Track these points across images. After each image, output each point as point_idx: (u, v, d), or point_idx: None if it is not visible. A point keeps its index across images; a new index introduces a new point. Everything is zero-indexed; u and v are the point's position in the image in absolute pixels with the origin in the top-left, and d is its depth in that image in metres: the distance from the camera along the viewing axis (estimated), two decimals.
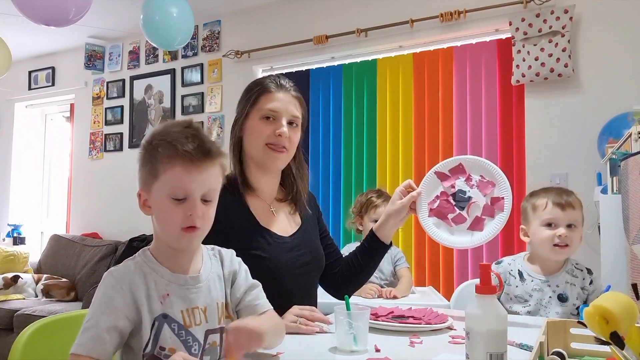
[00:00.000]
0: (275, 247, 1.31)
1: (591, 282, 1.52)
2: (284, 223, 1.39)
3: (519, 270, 1.56)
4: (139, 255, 0.95)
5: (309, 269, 1.39)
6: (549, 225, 1.51)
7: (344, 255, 1.53)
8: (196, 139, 0.90)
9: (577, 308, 1.48)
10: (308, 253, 1.38)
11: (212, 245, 1.04)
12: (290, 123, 1.34)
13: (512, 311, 1.52)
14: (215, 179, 0.93)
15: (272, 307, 1.05)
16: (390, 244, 1.46)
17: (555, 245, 1.49)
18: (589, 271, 1.54)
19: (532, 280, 1.53)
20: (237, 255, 1.06)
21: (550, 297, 1.50)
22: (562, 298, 1.49)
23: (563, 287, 1.50)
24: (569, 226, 1.49)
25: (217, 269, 1.01)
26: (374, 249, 1.45)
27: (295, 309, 1.21)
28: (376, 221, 2.19)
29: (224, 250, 1.05)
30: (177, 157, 0.88)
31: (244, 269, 1.05)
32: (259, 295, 1.04)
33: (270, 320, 1.00)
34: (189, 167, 0.89)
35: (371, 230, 1.45)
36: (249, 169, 1.37)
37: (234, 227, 1.29)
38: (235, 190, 1.34)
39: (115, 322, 0.85)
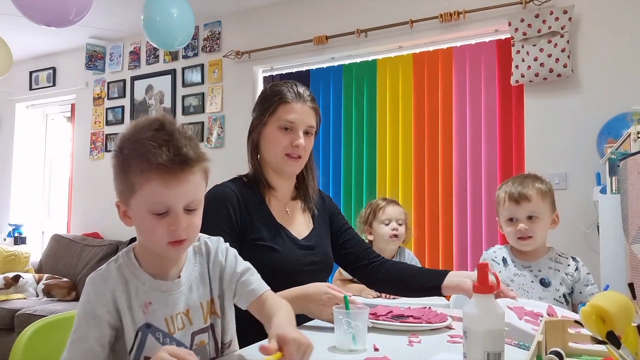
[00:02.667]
0: (288, 243, 1.36)
1: (576, 269, 1.52)
2: (298, 224, 1.44)
3: (503, 257, 1.60)
4: (122, 257, 0.91)
5: (318, 268, 1.42)
6: (510, 220, 1.55)
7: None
8: (171, 145, 0.81)
9: (563, 295, 1.50)
10: (318, 254, 1.43)
11: (199, 236, 0.99)
12: (305, 132, 1.39)
13: None
14: (197, 187, 0.86)
15: (268, 286, 1.02)
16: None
17: (519, 238, 1.53)
18: (574, 259, 1.55)
19: (514, 266, 1.57)
20: (250, 245, 1.05)
21: (532, 281, 1.52)
22: (544, 283, 1.51)
23: (545, 272, 1.52)
24: (530, 217, 1.52)
25: (201, 267, 0.97)
26: (430, 289, 1.40)
27: (324, 287, 1.22)
28: (387, 224, 2.17)
29: (210, 242, 1.01)
30: (151, 171, 0.80)
31: (231, 257, 1.01)
32: (250, 280, 1.00)
33: (287, 314, 0.95)
34: (167, 180, 0.81)
35: (443, 277, 1.38)
36: (266, 171, 1.42)
37: (252, 219, 1.33)
38: (254, 187, 1.40)
39: (102, 332, 0.84)
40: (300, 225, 1.44)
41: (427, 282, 1.40)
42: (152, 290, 0.88)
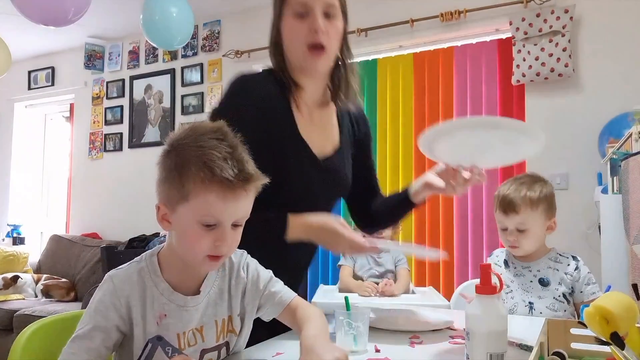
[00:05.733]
0: (306, 163, 1.19)
1: (576, 269, 1.52)
2: (322, 139, 1.25)
3: (505, 259, 1.62)
4: (145, 260, 0.89)
5: (332, 194, 1.31)
6: (502, 226, 1.55)
7: None
8: (235, 160, 0.80)
9: (563, 295, 1.50)
10: (336, 179, 1.28)
11: None
12: (326, 15, 1.16)
13: None
14: (249, 204, 0.85)
15: (294, 293, 1.01)
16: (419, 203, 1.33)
17: (509, 245, 1.55)
18: (575, 258, 1.54)
19: (514, 268, 1.58)
20: (262, 155, 0.90)
21: (531, 281, 1.53)
22: (542, 282, 1.52)
23: (544, 272, 1.53)
24: (519, 228, 1.51)
25: (221, 282, 0.94)
26: (404, 203, 1.33)
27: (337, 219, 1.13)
28: None
29: (234, 256, 0.97)
30: (212, 183, 0.78)
31: (252, 271, 0.98)
32: (275, 291, 0.98)
33: (318, 322, 0.92)
34: (227, 195, 0.79)
35: (406, 192, 1.32)
36: (293, 71, 1.21)
37: (274, 125, 1.16)
38: (282, 85, 1.20)
39: (109, 334, 0.82)
40: (324, 140, 1.25)
41: (399, 198, 1.34)
42: (169, 302, 0.86)
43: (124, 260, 1.52)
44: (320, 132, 1.25)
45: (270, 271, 1.02)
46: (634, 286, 0.87)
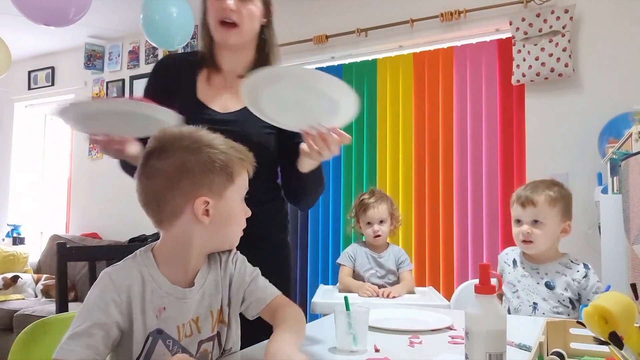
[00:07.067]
0: (199, 117, 1.22)
1: (585, 276, 1.52)
2: (230, 100, 1.34)
3: (514, 258, 1.63)
4: (141, 255, 0.90)
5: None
6: (517, 221, 1.58)
7: None
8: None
9: (569, 300, 1.49)
10: (236, 132, 1.14)
11: None
12: None
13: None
14: None
15: (278, 291, 1.02)
16: (311, 172, 1.32)
17: (522, 240, 1.55)
18: (586, 266, 1.55)
19: (522, 268, 1.59)
20: None
21: (538, 283, 1.54)
22: (548, 285, 1.53)
23: (552, 276, 1.54)
24: (535, 221, 1.53)
25: (215, 274, 0.96)
26: (298, 177, 1.34)
27: None
28: (369, 223, 2.21)
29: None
30: (245, 162, 0.94)
31: (239, 265, 1.01)
32: (257, 286, 1.00)
33: (292, 324, 0.93)
34: (250, 170, 0.97)
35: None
36: (217, 48, 1.37)
37: (174, 91, 1.32)
38: (199, 62, 1.38)
39: (109, 332, 0.81)
40: (231, 101, 1.34)
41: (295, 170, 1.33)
42: (167, 295, 0.87)
43: (76, 256, 1.53)
44: (230, 96, 1.35)
45: (257, 268, 1.03)
46: (633, 286, 0.87)
